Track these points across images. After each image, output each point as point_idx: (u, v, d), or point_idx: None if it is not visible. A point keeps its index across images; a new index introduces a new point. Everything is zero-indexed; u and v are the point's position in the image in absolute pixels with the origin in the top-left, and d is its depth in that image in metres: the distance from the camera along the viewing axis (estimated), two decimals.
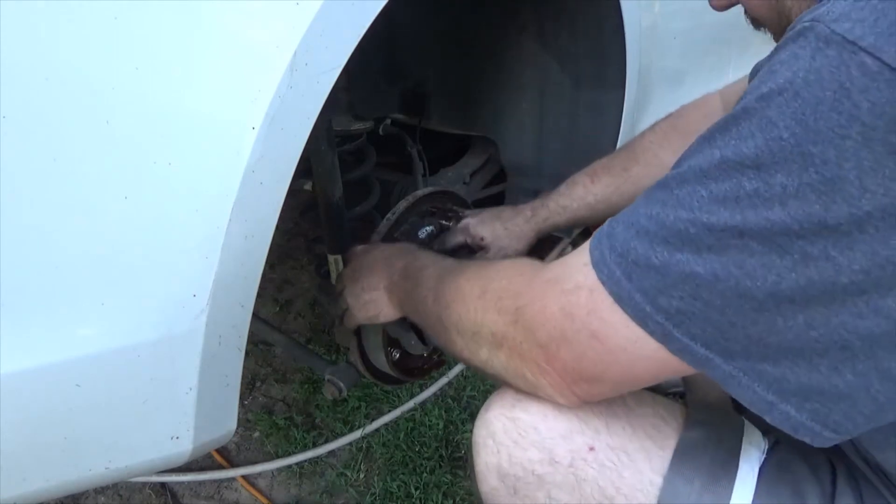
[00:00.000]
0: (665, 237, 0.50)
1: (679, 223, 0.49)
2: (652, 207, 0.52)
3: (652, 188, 0.54)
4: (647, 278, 0.51)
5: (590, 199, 1.07)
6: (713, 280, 0.48)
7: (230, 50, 0.62)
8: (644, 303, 0.51)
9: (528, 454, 0.63)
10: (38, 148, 0.58)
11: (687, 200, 0.49)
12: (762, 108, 0.45)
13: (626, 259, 0.52)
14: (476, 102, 1.50)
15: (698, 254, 0.48)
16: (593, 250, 0.55)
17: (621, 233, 0.54)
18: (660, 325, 0.51)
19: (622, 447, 0.62)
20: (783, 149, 0.44)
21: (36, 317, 0.61)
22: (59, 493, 0.68)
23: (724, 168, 0.47)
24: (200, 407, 0.68)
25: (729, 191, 0.46)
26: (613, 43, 1.19)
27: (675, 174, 0.51)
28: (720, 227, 0.47)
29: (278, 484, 1.44)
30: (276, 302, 1.88)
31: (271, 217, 0.67)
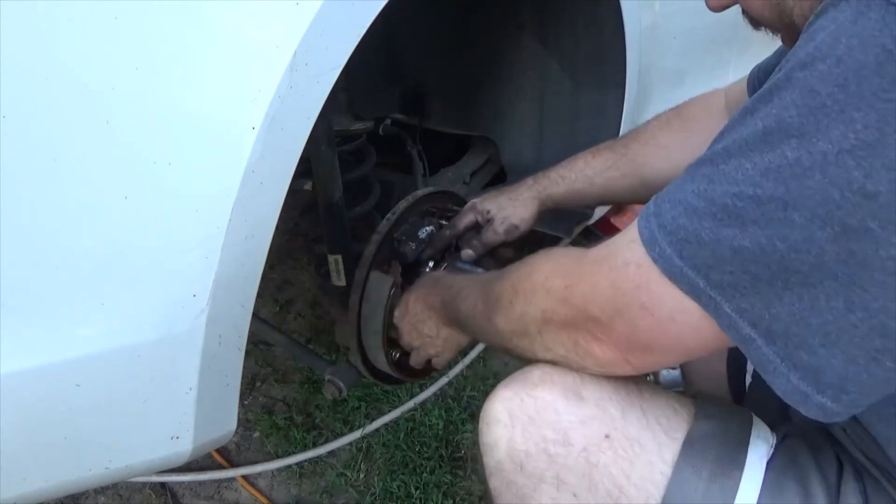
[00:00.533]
0: (713, 212, 0.50)
1: (726, 197, 0.49)
2: (699, 183, 0.52)
3: (697, 164, 0.54)
4: (699, 254, 0.51)
5: (588, 171, 1.09)
6: (760, 254, 0.48)
7: (230, 50, 0.62)
8: (697, 278, 0.52)
9: (543, 432, 0.64)
10: (38, 148, 0.58)
11: (732, 174, 0.49)
12: (804, 76, 0.45)
13: (676, 237, 0.52)
14: (476, 102, 1.50)
15: (744, 228, 0.48)
16: (642, 229, 0.56)
17: (668, 210, 0.54)
18: (712, 300, 0.51)
19: (637, 437, 0.63)
20: (826, 115, 0.43)
21: (36, 317, 0.61)
22: (59, 493, 0.68)
23: (768, 139, 0.47)
24: (200, 407, 0.68)
25: (772, 161, 0.46)
26: (613, 43, 1.19)
27: (721, 149, 0.51)
28: (765, 200, 0.47)
29: (278, 484, 1.44)
30: (276, 302, 1.88)
31: (271, 217, 0.67)
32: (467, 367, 1.66)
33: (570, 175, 1.10)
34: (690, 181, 0.53)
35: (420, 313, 0.96)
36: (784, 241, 0.46)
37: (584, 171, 1.09)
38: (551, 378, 0.67)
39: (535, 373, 0.68)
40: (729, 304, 0.51)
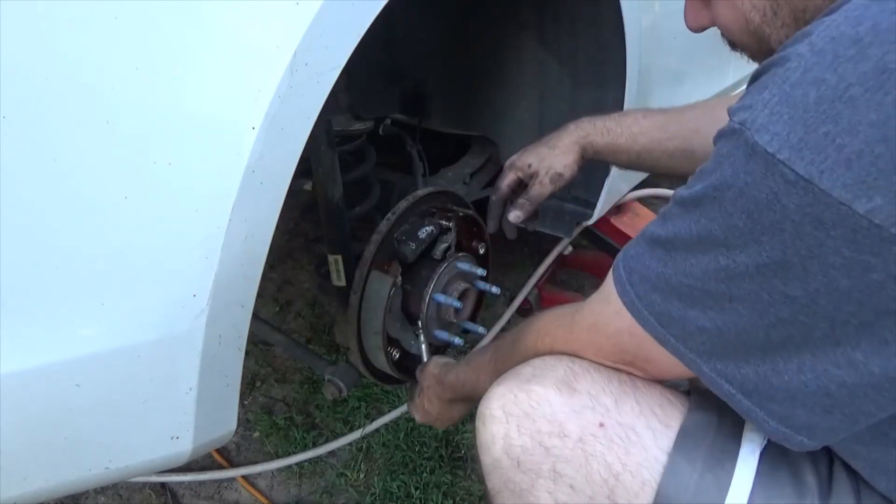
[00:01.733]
0: (677, 295, 0.58)
1: (683, 287, 0.57)
2: (656, 265, 0.59)
3: (650, 241, 0.61)
4: (674, 326, 0.59)
5: (635, 129, 1.07)
6: (720, 333, 0.56)
7: (230, 50, 0.62)
8: (678, 343, 0.59)
9: (538, 425, 0.66)
10: (38, 148, 0.58)
11: (682, 266, 0.56)
12: (718, 197, 0.52)
13: (654, 309, 0.60)
14: (476, 102, 1.50)
15: (704, 312, 0.56)
16: (622, 295, 0.63)
17: (639, 284, 0.61)
18: (693, 361, 0.59)
19: (630, 424, 0.65)
20: (741, 235, 0.51)
21: (36, 317, 0.61)
22: (59, 493, 0.68)
23: (703, 243, 0.54)
24: (200, 407, 0.68)
25: (710, 264, 0.54)
26: (613, 43, 1.19)
27: (667, 237, 0.58)
28: (714, 293, 0.55)
29: (278, 484, 1.44)
30: (276, 302, 1.88)
31: (271, 217, 0.67)
32: None
33: (616, 129, 1.08)
34: (649, 257, 0.60)
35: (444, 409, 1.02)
36: (735, 326, 0.54)
37: (631, 128, 1.07)
38: (543, 373, 0.69)
39: (527, 369, 0.70)
40: (707, 365, 0.58)
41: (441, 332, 1.09)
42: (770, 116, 0.48)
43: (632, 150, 1.08)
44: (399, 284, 1.04)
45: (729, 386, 0.57)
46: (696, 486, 0.61)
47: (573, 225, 1.46)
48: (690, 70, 1.57)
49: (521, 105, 1.45)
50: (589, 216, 1.44)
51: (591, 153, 1.10)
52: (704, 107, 1.09)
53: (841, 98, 0.44)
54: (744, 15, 0.63)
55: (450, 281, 1.09)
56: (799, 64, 0.47)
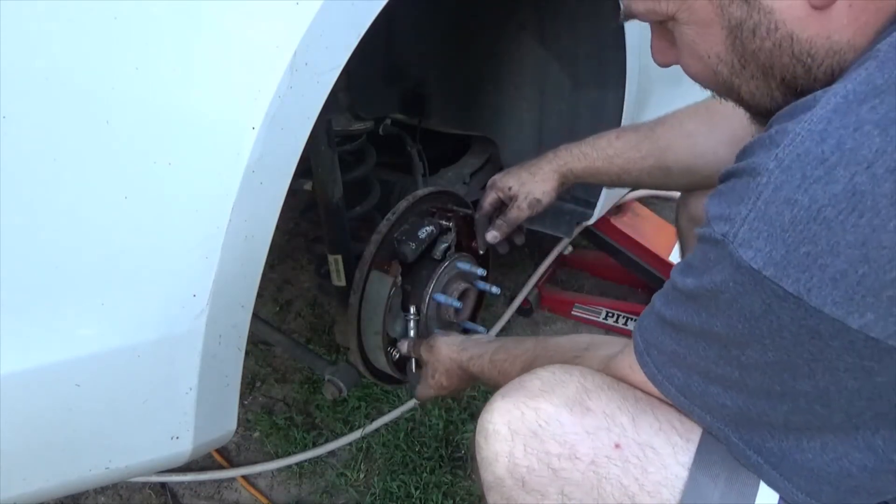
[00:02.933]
0: (697, 372, 0.58)
1: (699, 367, 0.57)
2: (670, 343, 0.59)
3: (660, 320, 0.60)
4: (696, 401, 0.59)
5: (610, 151, 1.09)
6: (741, 412, 0.56)
7: (230, 50, 0.62)
8: (704, 414, 0.59)
9: (547, 446, 0.62)
10: (38, 148, 0.58)
11: (695, 349, 0.57)
12: (714, 298, 0.52)
13: (674, 382, 0.60)
14: (476, 102, 1.50)
15: (725, 391, 0.56)
16: (644, 366, 0.63)
17: (658, 357, 0.61)
18: (721, 430, 0.59)
19: (649, 443, 0.62)
20: (742, 335, 0.52)
21: (36, 317, 0.61)
22: (59, 493, 0.68)
23: (707, 336, 0.55)
24: (200, 407, 0.68)
25: (720, 354, 0.55)
26: (613, 42, 1.19)
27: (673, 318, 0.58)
28: (728, 380, 0.55)
29: (278, 484, 1.44)
30: (276, 302, 1.88)
31: (271, 217, 0.67)
32: None
33: (591, 153, 1.11)
34: (661, 334, 0.60)
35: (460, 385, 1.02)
36: (755, 408, 0.55)
37: (606, 151, 1.10)
38: (552, 388, 0.65)
39: (535, 383, 0.66)
40: (735, 434, 0.58)
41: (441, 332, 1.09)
42: (750, 232, 0.48)
43: (611, 171, 1.11)
44: (399, 284, 1.04)
45: (757, 456, 0.57)
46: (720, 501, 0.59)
47: (573, 225, 1.46)
48: None
49: (521, 105, 1.45)
50: (589, 216, 1.44)
51: (573, 178, 1.13)
52: (672, 121, 1.09)
53: (815, 219, 0.45)
54: (711, 68, 0.62)
55: (450, 281, 1.10)
56: (769, 180, 0.47)
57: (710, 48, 0.60)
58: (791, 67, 0.56)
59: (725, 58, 0.60)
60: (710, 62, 0.61)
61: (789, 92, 0.58)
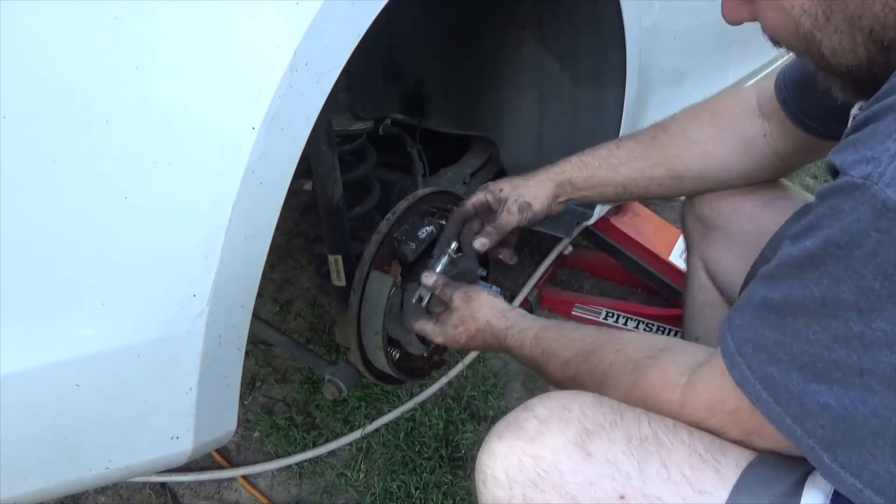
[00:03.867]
0: (797, 367, 0.52)
1: (805, 356, 0.51)
2: (771, 333, 0.54)
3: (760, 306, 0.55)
4: (791, 404, 0.53)
5: (612, 160, 1.05)
6: (844, 413, 0.49)
7: (230, 50, 0.62)
8: (794, 425, 0.53)
9: (548, 497, 0.59)
10: (38, 148, 0.58)
11: (804, 333, 0.51)
12: (843, 256, 0.47)
13: (769, 384, 0.54)
14: (476, 102, 1.49)
15: (829, 387, 0.50)
16: (732, 369, 0.57)
17: (753, 355, 0.55)
18: (811, 448, 0.52)
19: (657, 494, 0.58)
20: (878, 298, 0.46)
21: (36, 317, 0.61)
22: (59, 493, 0.68)
23: (829, 307, 0.49)
24: (200, 407, 0.68)
25: (839, 330, 0.48)
26: (613, 43, 1.19)
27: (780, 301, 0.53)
28: (842, 366, 0.49)
29: (278, 484, 1.44)
30: (276, 302, 1.88)
31: (271, 217, 0.67)
32: (467, 367, 1.66)
33: (592, 161, 1.05)
34: (761, 325, 0.54)
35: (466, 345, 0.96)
36: (865, 405, 0.48)
37: (609, 160, 1.05)
38: (550, 429, 0.61)
39: (532, 422, 0.62)
40: (828, 454, 0.51)
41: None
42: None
43: (615, 182, 1.05)
44: (399, 284, 1.04)
45: (855, 481, 0.50)
46: None
47: (573, 225, 1.46)
48: (690, 70, 1.57)
49: (521, 105, 1.45)
50: (589, 216, 1.44)
51: (571, 190, 1.07)
52: (675, 129, 1.06)
53: None
54: (793, 20, 0.59)
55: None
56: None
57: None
58: (882, 17, 0.53)
59: (810, 9, 0.57)
60: (794, 13, 0.59)
61: (874, 46, 0.55)
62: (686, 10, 1.42)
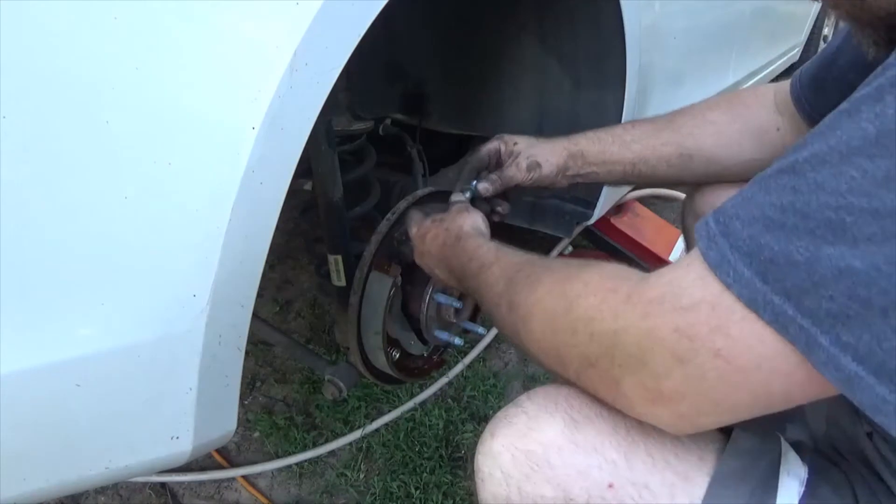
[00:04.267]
0: (810, 228, 0.43)
1: (827, 210, 0.43)
2: (780, 195, 0.46)
3: (768, 176, 0.48)
4: (790, 277, 0.44)
5: (626, 136, 1.04)
6: (875, 275, 0.41)
7: (230, 50, 0.62)
8: (785, 305, 0.45)
9: (541, 490, 0.59)
10: (38, 148, 0.58)
11: (832, 184, 0.43)
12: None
13: (758, 258, 0.46)
14: (476, 102, 1.50)
15: (855, 245, 0.41)
16: (708, 252, 0.49)
17: (742, 229, 0.47)
18: (804, 331, 0.44)
19: (644, 482, 0.58)
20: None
21: (36, 317, 0.61)
22: (59, 493, 0.68)
23: (883, 142, 0.41)
24: (200, 407, 0.68)
25: (892, 169, 0.40)
26: (613, 43, 1.19)
27: (808, 156, 0.45)
28: (886, 213, 0.40)
29: (278, 484, 1.44)
30: (276, 302, 1.88)
31: (271, 217, 0.67)
32: (467, 367, 1.66)
33: (606, 137, 1.05)
34: (765, 193, 0.47)
35: (435, 256, 0.90)
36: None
37: (622, 136, 1.05)
38: (539, 424, 0.61)
39: (521, 418, 0.62)
40: (827, 336, 0.44)
41: (441, 332, 1.09)
42: None
43: (625, 159, 1.04)
44: (399, 284, 1.04)
45: (857, 366, 0.43)
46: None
47: (573, 225, 1.46)
48: (690, 70, 1.57)
49: (521, 105, 1.45)
50: (589, 216, 1.44)
51: (581, 164, 1.06)
52: (692, 111, 1.06)
53: None
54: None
55: None
56: None
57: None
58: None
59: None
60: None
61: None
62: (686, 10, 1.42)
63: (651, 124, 1.06)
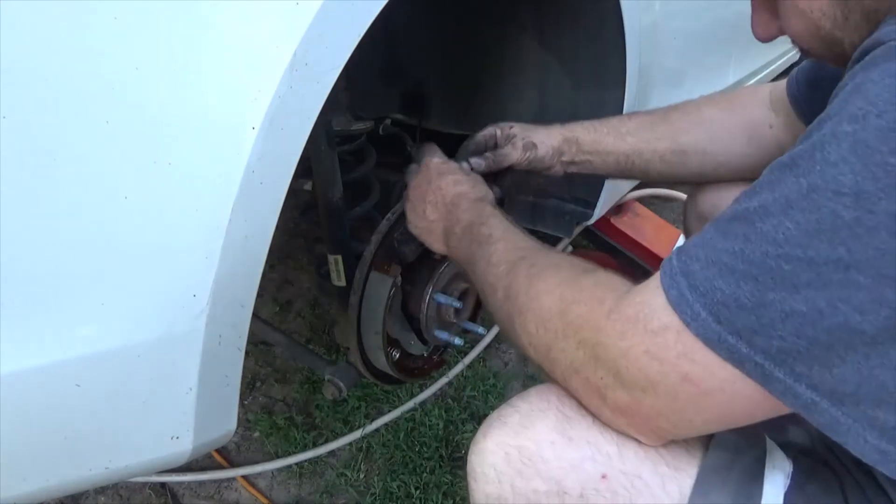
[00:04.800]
0: (754, 275, 0.47)
1: (769, 260, 0.47)
2: (733, 242, 0.49)
3: (727, 220, 0.51)
4: (740, 319, 0.48)
5: (622, 128, 1.06)
6: (818, 317, 0.45)
7: (230, 50, 0.62)
8: (739, 344, 0.49)
9: (533, 484, 0.60)
10: (38, 148, 0.58)
11: (773, 235, 0.47)
12: (855, 131, 0.44)
13: (712, 300, 0.49)
14: (476, 102, 1.50)
15: (795, 291, 0.46)
16: (669, 290, 0.52)
17: (700, 271, 0.51)
18: (759, 367, 0.48)
19: (636, 472, 0.59)
20: (889, 174, 0.42)
21: (36, 317, 0.61)
22: (59, 493, 0.68)
23: (814, 198, 0.45)
24: (200, 407, 0.68)
25: (823, 222, 0.44)
26: (613, 42, 1.19)
27: (756, 207, 0.49)
28: (819, 262, 0.44)
29: (278, 484, 1.44)
30: (276, 302, 1.88)
31: (271, 217, 0.67)
32: (467, 367, 1.66)
33: (601, 128, 1.06)
34: (722, 238, 0.50)
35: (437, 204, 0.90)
36: (846, 304, 0.44)
37: (618, 128, 1.06)
38: (532, 422, 0.62)
39: (514, 417, 0.63)
40: (781, 369, 0.48)
41: (441, 333, 1.09)
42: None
43: (620, 151, 1.05)
44: (399, 284, 1.04)
45: (812, 393, 0.47)
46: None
47: (573, 225, 1.46)
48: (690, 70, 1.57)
49: (520, 105, 1.45)
50: (589, 216, 1.44)
51: (576, 151, 1.06)
52: (688, 107, 1.07)
53: None
54: (814, 23, 0.61)
55: (450, 281, 1.09)
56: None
57: (813, 2, 0.59)
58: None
59: (828, 11, 0.59)
60: (813, 17, 0.60)
61: None
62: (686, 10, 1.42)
63: (648, 117, 1.07)
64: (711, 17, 1.58)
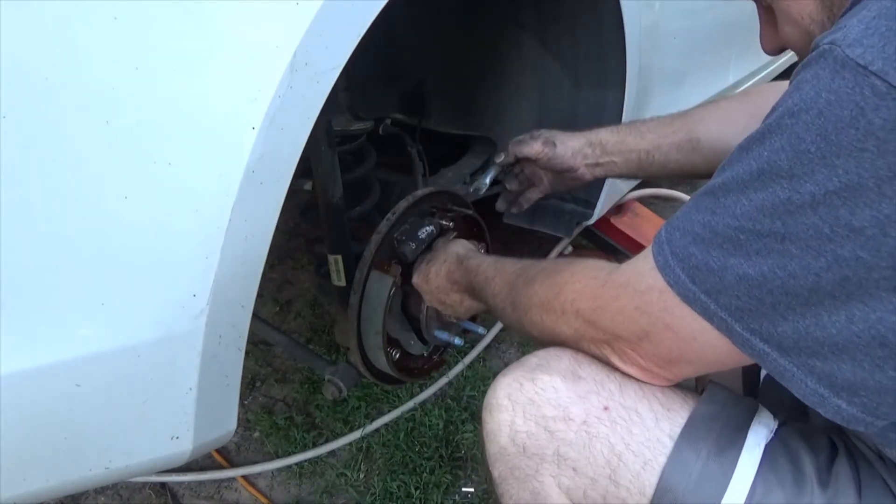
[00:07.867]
0: (719, 243, 0.56)
1: (729, 230, 0.55)
2: (703, 215, 0.58)
3: (700, 195, 0.60)
4: (708, 280, 0.57)
5: (642, 127, 1.12)
6: (762, 280, 0.53)
7: (230, 50, 0.62)
8: (708, 301, 0.57)
9: (543, 410, 0.68)
10: (38, 148, 0.58)
11: (732, 209, 0.55)
12: (791, 124, 0.51)
13: (688, 263, 0.58)
14: (476, 102, 1.50)
15: (748, 258, 0.54)
16: (657, 256, 0.62)
17: (679, 240, 0.60)
18: (723, 321, 0.57)
19: (634, 407, 0.67)
20: (811, 161, 0.49)
21: (36, 317, 0.61)
22: (59, 493, 0.68)
23: (761, 178, 0.53)
24: (200, 407, 0.68)
25: (766, 200, 0.52)
26: (613, 43, 1.19)
27: (720, 183, 0.57)
28: (764, 234, 0.53)
29: (278, 484, 1.44)
30: (276, 302, 1.88)
31: (271, 217, 0.67)
32: (467, 367, 1.66)
33: (623, 128, 1.13)
34: (696, 211, 0.59)
35: (443, 287, 1.00)
36: (783, 270, 0.52)
37: (638, 127, 1.12)
38: (548, 363, 0.70)
39: (532, 360, 0.72)
40: (739, 324, 0.56)
41: (441, 332, 1.09)
42: (865, 31, 0.48)
43: (640, 147, 1.11)
44: (399, 284, 1.04)
45: (764, 345, 0.56)
46: (700, 473, 0.63)
47: (573, 225, 1.46)
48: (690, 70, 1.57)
49: (521, 105, 1.45)
50: (589, 216, 1.44)
51: (600, 152, 1.13)
52: (707, 103, 1.13)
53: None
54: (804, 29, 0.66)
55: None
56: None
57: (803, 9, 0.65)
58: None
59: (816, 16, 0.64)
60: (804, 23, 0.66)
61: None
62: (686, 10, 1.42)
63: (667, 117, 1.14)
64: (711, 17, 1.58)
